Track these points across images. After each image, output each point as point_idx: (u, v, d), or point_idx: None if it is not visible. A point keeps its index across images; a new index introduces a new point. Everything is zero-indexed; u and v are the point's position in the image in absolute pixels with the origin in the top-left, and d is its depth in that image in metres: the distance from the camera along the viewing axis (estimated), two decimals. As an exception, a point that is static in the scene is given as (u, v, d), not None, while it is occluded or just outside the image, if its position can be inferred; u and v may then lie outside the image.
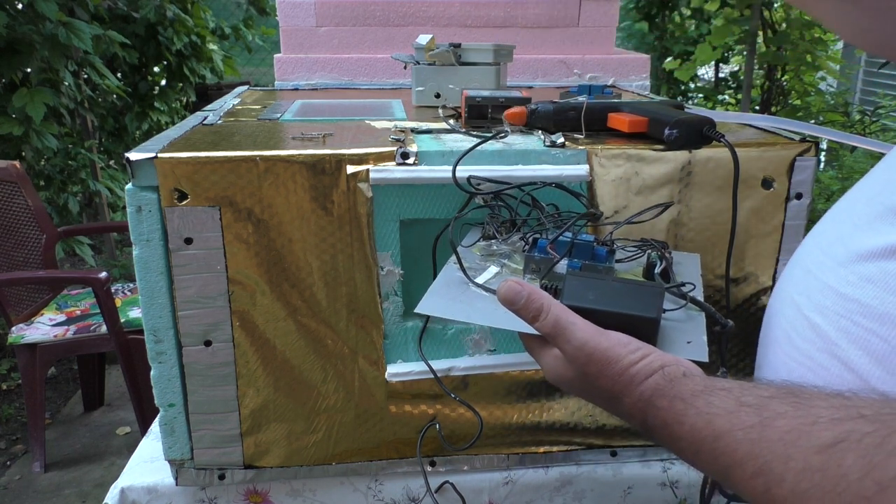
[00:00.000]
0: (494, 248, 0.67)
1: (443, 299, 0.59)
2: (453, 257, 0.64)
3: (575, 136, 0.79)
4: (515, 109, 0.80)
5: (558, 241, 0.61)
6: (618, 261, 0.64)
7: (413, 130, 0.82)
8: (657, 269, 0.60)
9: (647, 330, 0.50)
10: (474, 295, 0.60)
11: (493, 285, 0.60)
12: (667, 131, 0.73)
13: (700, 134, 0.72)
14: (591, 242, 0.61)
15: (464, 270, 0.62)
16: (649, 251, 0.64)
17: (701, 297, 0.58)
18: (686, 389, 0.43)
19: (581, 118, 0.79)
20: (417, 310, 0.59)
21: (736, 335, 0.81)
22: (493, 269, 0.63)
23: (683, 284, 0.58)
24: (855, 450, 0.33)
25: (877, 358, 0.42)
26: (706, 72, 5.32)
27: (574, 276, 0.55)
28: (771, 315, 0.54)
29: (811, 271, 0.49)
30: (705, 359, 0.49)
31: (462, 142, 0.76)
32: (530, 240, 0.64)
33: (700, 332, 0.54)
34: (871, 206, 0.47)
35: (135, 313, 2.27)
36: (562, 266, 0.60)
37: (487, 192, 0.69)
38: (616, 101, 0.84)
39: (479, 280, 0.62)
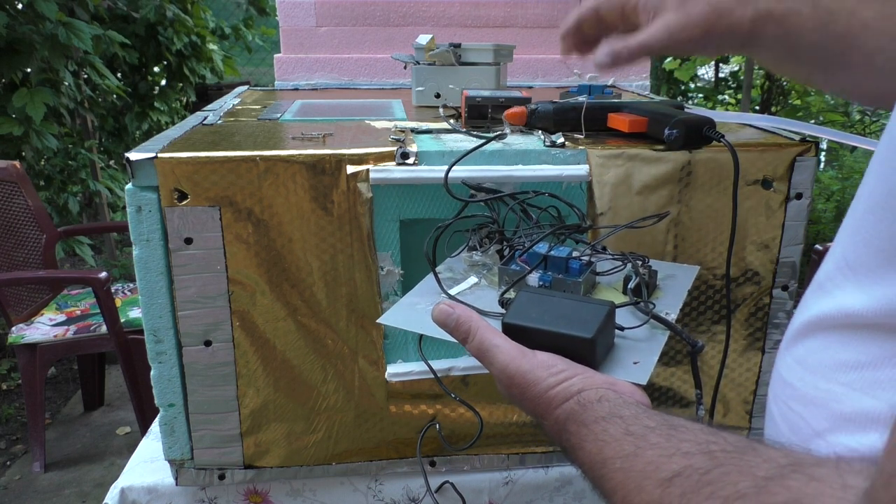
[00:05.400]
0: (475, 259, 0.66)
1: (407, 310, 0.58)
2: (440, 265, 0.64)
3: (575, 135, 0.79)
4: (515, 109, 0.80)
5: (539, 253, 0.60)
6: (601, 273, 0.62)
7: (413, 130, 0.82)
8: (631, 284, 0.58)
9: (583, 350, 0.49)
10: None
11: (468, 296, 0.59)
12: (667, 131, 0.72)
13: (700, 134, 0.72)
14: (565, 257, 0.59)
15: (438, 281, 0.61)
16: (629, 264, 0.62)
17: (675, 314, 0.56)
18: (590, 415, 0.43)
19: (581, 118, 0.79)
20: (380, 321, 0.58)
21: (737, 335, 0.81)
22: (472, 280, 0.63)
23: (645, 302, 0.56)
24: (682, 485, 0.34)
25: (804, 441, 0.42)
26: (706, 72, 5.31)
27: (528, 292, 0.54)
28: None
29: (776, 360, 0.50)
30: (643, 382, 0.48)
31: (462, 142, 0.76)
32: (510, 251, 0.63)
33: (653, 353, 0.52)
34: (811, 282, 0.48)
35: (135, 313, 2.27)
36: (534, 279, 0.59)
37: (476, 201, 0.68)
38: (616, 101, 0.84)
39: (454, 291, 0.61)
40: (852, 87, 0.63)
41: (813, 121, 3.69)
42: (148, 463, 0.85)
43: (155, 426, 0.89)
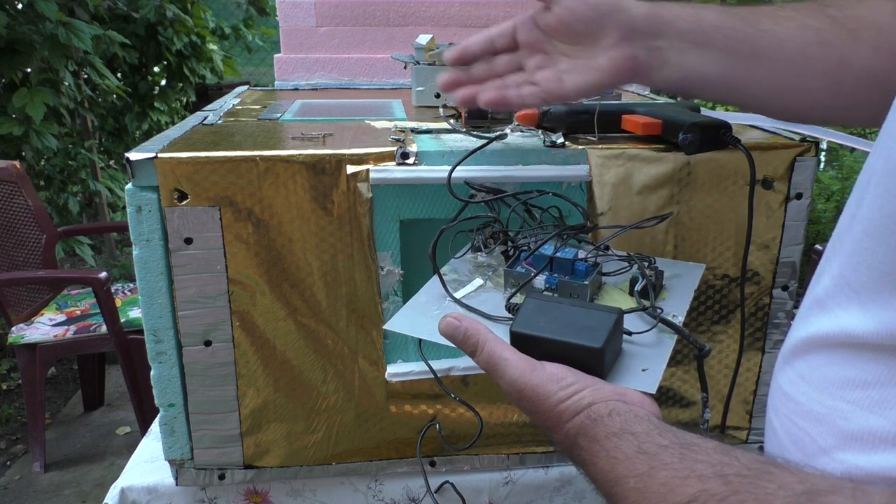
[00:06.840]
0: (480, 260, 0.66)
1: (413, 315, 0.58)
2: (444, 266, 0.64)
3: (589, 137, 0.78)
4: (527, 111, 0.79)
5: (545, 255, 0.60)
6: (607, 273, 0.62)
7: (413, 130, 0.82)
8: (637, 287, 0.57)
9: (591, 360, 0.48)
10: (449, 309, 0.58)
11: (473, 299, 0.59)
12: (681, 135, 0.70)
13: (715, 138, 0.70)
14: (571, 259, 0.59)
15: (444, 284, 0.60)
16: (636, 265, 0.62)
17: (682, 317, 0.56)
18: (602, 431, 0.43)
19: (594, 120, 0.77)
20: (386, 327, 0.58)
21: (737, 335, 0.81)
22: (478, 282, 0.62)
23: (653, 307, 0.55)
24: None
25: (810, 458, 0.42)
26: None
27: (535, 298, 0.53)
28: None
29: (775, 371, 0.50)
30: (652, 391, 0.47)
31: (462, 142, 0.76)
32: (515, 252, 0.62)
33: (661, 360, 0.51)
34: (808, 295, 0.47)
35: (135, 313, 2.27)
36: (540, 281, 0.59)
37: (477, 202, 0.68)
38: (630, 102, 0.83)
39: (459, 294, 0.60)
40: (762, 81, 0.60)
41: (813, 121, 3.68)
42: (148, 463, 0.85)
43: (155, 426, 0.89)
